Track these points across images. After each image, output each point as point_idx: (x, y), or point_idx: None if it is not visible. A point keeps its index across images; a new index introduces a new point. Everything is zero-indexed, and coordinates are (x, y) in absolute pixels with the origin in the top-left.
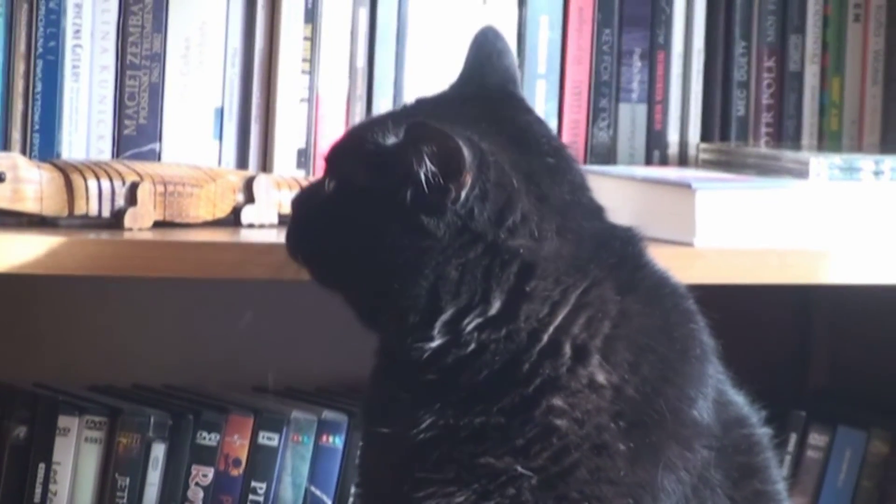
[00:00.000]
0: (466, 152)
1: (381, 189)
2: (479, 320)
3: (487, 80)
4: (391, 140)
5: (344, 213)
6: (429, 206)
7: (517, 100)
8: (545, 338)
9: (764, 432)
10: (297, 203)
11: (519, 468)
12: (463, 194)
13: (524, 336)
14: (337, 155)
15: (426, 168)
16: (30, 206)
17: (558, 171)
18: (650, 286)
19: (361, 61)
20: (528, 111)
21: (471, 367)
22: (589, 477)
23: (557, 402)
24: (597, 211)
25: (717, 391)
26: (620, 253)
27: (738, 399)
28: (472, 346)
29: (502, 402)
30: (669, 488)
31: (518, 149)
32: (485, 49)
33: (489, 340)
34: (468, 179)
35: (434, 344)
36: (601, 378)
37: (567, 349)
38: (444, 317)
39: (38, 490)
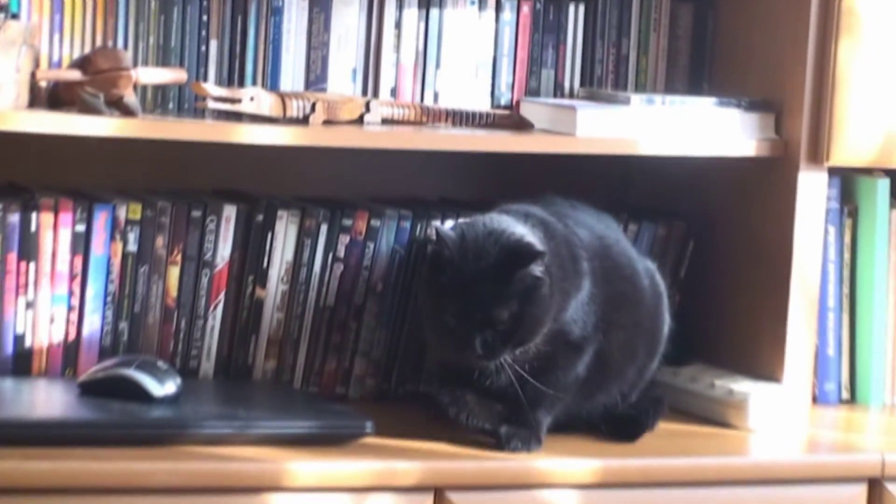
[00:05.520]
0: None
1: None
2: None
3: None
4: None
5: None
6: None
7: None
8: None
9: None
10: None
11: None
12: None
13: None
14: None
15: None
16: (265, 112)
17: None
18: (560, 234)
19: (421, 58)
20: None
21: None
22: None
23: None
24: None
25: (598, 245)
26: (560, 229)
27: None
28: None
29: None
30: (586, 290)
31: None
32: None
33: None
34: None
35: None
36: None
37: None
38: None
39: (267, 246)
